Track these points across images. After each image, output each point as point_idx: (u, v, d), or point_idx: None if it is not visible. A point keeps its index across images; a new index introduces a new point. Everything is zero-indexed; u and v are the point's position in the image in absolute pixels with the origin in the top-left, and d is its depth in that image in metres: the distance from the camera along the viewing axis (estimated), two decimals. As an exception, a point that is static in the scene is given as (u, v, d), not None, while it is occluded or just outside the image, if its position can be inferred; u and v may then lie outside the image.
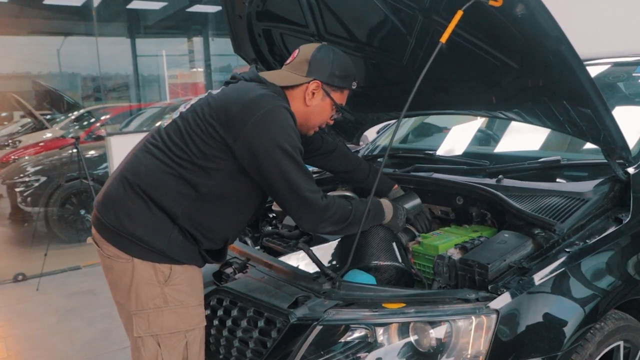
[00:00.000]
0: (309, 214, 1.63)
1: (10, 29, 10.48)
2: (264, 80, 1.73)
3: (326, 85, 1.76)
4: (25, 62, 11.00)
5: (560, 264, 1.62)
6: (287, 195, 1.60)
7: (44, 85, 8.11)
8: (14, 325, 3.67)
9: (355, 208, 1.72)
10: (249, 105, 1.60)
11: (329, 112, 1.83)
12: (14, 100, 9.36)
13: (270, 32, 2.53)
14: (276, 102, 1.63)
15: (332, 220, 1.66)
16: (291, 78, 1.76)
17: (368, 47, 2.29)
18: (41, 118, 9.37)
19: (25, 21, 10.60)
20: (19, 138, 8.86)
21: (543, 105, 1.86)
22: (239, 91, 1.66)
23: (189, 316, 1.64)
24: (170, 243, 1.60)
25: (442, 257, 1.73)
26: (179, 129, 1.64)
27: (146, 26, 12.02)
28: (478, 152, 2.58)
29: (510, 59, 1.80)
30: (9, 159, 7.79)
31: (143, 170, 1.62)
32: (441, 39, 1.54)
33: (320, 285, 1.64)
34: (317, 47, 1.79)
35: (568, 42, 1.52)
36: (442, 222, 2.22)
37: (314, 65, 1.75)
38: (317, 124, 1.85)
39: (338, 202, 1.69)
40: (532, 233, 1.72)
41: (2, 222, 5.91)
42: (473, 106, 2.23)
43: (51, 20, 10.61)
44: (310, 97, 1.76)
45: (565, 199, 1.85)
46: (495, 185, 2.04)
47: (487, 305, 1.46)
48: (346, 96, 1.86)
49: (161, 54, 12.12)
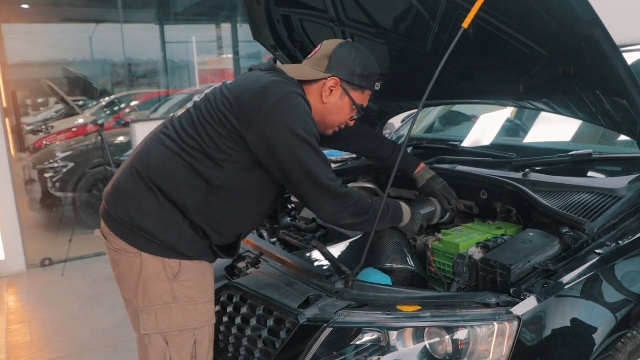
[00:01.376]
0: (328, 202, 1.56)
1: (43, 17, 10.67)
2: (280, 70, 1.65)
3: (345, 84, 1.67)
4: (58, 50, 11.16)
5: (590, 266, 1.51)
6: (304, 184, 1.53)
7: (73, 72, 8.22)
8: (39, 310, 3.73)
9: (376, 203, 1.64)
10: (261, 92, 1.53)
11: (348, 112, 1.73)
12: (47, 86, 9.54)
13: (290, 17, 2.45)
14: (289, 88, 1.55)
15: (352, 211, 1.59)
16: (309, 72, 1.68)
17: (390, 34, 2.19)
18: (73, 104, 9.53)
19: (58, 9, 10.75)
20: (52, 124, 9.04)
21: (574, 96, 1.74)
22: (252, 80, 1.59)
23: (198, 313, 1.59)
24: (180, 238, 1.55)
25: (462, 257, 1.63)
26: (192, 118, 1.59)
27: (176, 13, 12.07)
28: (505, 144, 2.47)
29: (539, 45, 1.69)
30: (41, 144, 7.96)
31: (153, 160, 1.57)
32: (463, 24, 1.44)
33: (333, 284, 1.57)
34: (339, 43, 1.71)
35: (602, 27, 1.40)
36: (466, 217, 2.12)
37: (334, 61, 1.67)
38: (335, 123, 1.76)
39: (358, 193, 1.63)
40: (560, 232, 1.61)
41: (33, 206, 6.02)
42: (500, 96, 2.11)
43: (82, 8, 10.73)
44: (327, 95, 1.67)
45: (597, 195, 1.73)
46: (522, 180, 1.93)
47: (508, 311, 1.36)
48: (368, 97, 1.76)
49: (191, 41, 12.16)
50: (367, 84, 1.70)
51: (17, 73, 10.94)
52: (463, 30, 1.44)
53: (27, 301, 3.93)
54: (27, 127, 9.49)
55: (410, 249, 1.78)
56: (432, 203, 1.93)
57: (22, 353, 3.12)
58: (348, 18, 2.23)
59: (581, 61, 1.58)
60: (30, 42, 10.62)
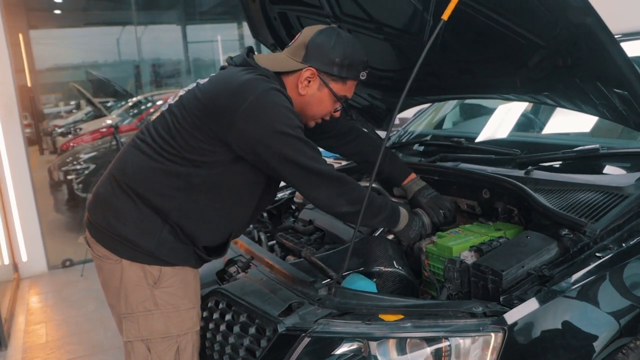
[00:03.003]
0: (323, 188, 1.51)
1: (71, 21, 10.88)
2: (254, 64, 1.58)
3: (323, 74, 1.58)
4: (86, 53, 11.38)
5: (589, 271, 1.42)
6: (297, 176, 1.50)
7: (95, 74, 8.37)
8: (56, 311, 3.78)
9: (372, 196, 1.58)
10: (237, 92, 1.46)
11: (329, 104, 1.64)
12: (75, 89, 9.73)
13: (286, 15, 2.39)
14: (264, 84, 1.48)
15: (349, 197, 1.53)
16: (285, 63, 1.60)
17: (387, 28, 2.11)
18: (99, 106, 9.70)
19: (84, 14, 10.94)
20: (80, 126, 9.22)
21: (575, 88, 1.63)
22: (225, 79, 1.53)
23: (180, 320, 1.56)
24: (159, 244, 1.51)
25: (453, 261, 1.55)
26: (166, 123, 1.54)
27: (201, 12, 12.15)
28: (511, 140, 2.36)
29: (535, 35, 1.58)
30: (68, 146, 8.12)
31: (129, 166, 1.53)
32: (443, 15, 1.35)
33: (316, 291, 1.51)
34: (318, 30, 1.60)
35: (595, 14, 1.30)
36: (469, 218, 2.03)
37: (311, 49, 1.57)
38: (316, 115, 1.67)
39: (353, 180, 1.58)
40: (559, 234, 1.51)
41: (59, 208, 6.13)
42: (501, 89, 2.00)
43: (109, 11, 10.91)
44: (304, 86, 1.59)
45: (602, 194, 1.63)
46: (524, 178, 1.83)
47: (494, 321, 1.28)
48: (352, 87, 1.66)
49: (216, 40, 12.22)
50: (348, 74, 1.60)
51: (46, 77, 11.22)
52: (443, 22, 1.36)
53: (47, 302, 4.00)
54: (57, 130, 9.73)
55: (399, 252, 1.71)
56: (419, 217, 1.83)
57: (37, 353, 3.17)
58: (344, 13, 2.16)
59: (578, 51, 1.48)
60: (58, 46, 10.85)
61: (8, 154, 4.24)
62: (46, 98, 10.99)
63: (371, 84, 2.44)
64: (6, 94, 4.19)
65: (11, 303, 3.85)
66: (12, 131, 4.25)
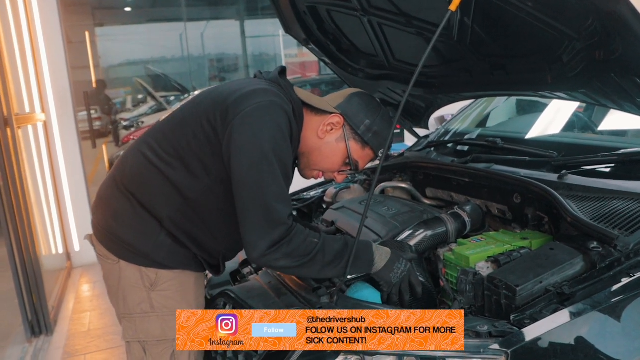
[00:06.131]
0: (264, 230, 1.32)
1: (137, 18, 11.27)
2: (285, 85, 1.52)
3: (348, 128, 1.53)
4: (152, 49, 11.79)
5: (616, 291, 1.27)
6: (248, 202, 1.34)
7: (153, 70, 8.62)
8: (102, 300, 3.90)
9: (326, 243, 1.39)
10: (245, 96, 1.40)
11: (338, 161, 1.55)
12: (138, 84, 10.10)
13: (316, 8, 2.32)
14: (272, 98, 1.40)
15: (287, 250, 1.33)
16: (319, 101, 1.56)
17: (416, 22, 2.00)
18: (160, 100, 9.99)
19: (150, 11, 11.33)
20: (143, 119, 9.56)
21: (612, 84, 1.47)
22: (243, 84, 1.47)
23: None
24: (156, 246, 1.47)
25: (466, 272, 1.43)
26: (174, 121, 1.51)
27: (263, 7, 12.30)
28: (552, 140, 2.18)
29: (567, 27, 1.44)
30: (129, 139, 8.43)
31: (129, 168, 1.51)
32: (450, 6, 1.24)
33: (318, 298, 1.45)
34: (363, 92, 1.61)
35: (626, 1, 1.15)
36: (502, 223, 1.90)
37: (349, 101, 1.55)
38: (319, 165, 1.57)
39: (306, 231, 1.38)
40: (587, 247, 1.37)
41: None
42: (536, 86, 1.84)
43: (173, 8, 11.23)
44: (324, 130, 1.52)
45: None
46: (557, 183, 1.68)
47: (498, 342, 1.16)
48: (367, 158, 1.58)
49: (277, 34, 12.33)
50: (370, 140, 1.54)
51: (113, 72, 11.72)
52: (450, 13, 1.25)
53: (94, 291, 4.14)
54: (123, 123, 10.14)
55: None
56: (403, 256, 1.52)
57: (78, 341, 3.28)
58: (372, 6, 2.07)
59: (611, 43, 1.33)
60: (124, 42, 11.29)
61: (63, 147, 4.41)
62: (115, 93, 11.49)
63: (406, 81, 2.34)
64: (62, 90, 4.35)
65: (61, 291, 4.01)
66: (66, 125, 4.41)
